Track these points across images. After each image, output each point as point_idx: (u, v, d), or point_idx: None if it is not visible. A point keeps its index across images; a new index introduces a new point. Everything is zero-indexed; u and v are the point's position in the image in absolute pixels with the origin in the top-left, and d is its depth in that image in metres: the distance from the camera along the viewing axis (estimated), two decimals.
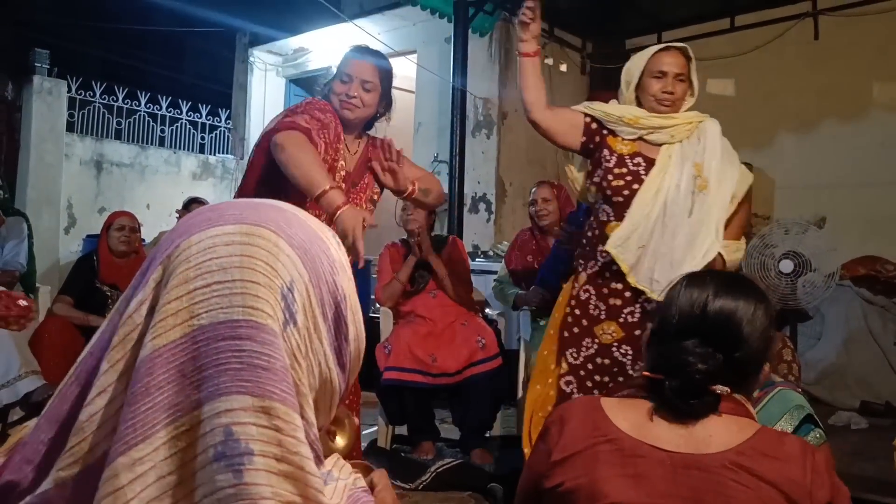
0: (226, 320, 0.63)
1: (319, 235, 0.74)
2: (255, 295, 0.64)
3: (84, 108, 7.39)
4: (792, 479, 1.07)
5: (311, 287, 0.69)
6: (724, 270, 2.27)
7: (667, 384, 1.12)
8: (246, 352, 0.62)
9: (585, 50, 6.71)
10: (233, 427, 0.60)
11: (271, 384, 0.62)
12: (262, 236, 0.68)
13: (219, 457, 0.60)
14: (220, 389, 0.61)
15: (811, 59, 5.58)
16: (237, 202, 0.74)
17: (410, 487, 3.08)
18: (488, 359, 3.48)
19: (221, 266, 0.65)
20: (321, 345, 0.70)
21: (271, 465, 0.61)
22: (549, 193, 3.78)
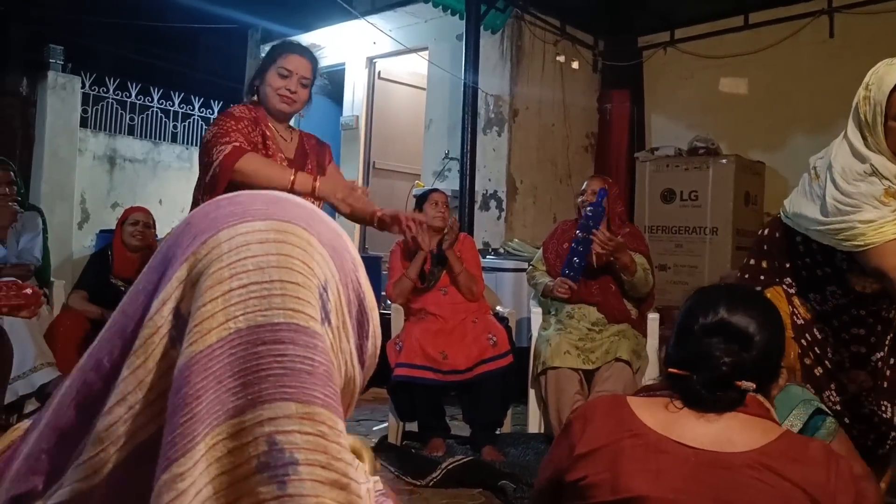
0: (265, 323, 0.60)
1: (339, 232, 0.72)
2: (296, 296, 0.61)
3: (97, 104, 7.43)
4: (816, 482, 1.08)
5: (340, 286, 0.67)
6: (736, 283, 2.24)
7: (695, 377, 1.15)
8: (288, 356, 0.59)
9: (598, 48, 6.69)
10: (276, 436, 0.58)
11: (315, 389, 0.59)
12: (296, 234, 0.65)
13: (262, 468, 0.57)
14: (262, 397, 0.59)
15: (826, 58, 5.54)
16: (256, 195, 0.70)
17: (421, 484, 3.09)
18: (499, 356, 3.48)
19: (258, 265, 0.62)
20: (348, 344, 0.68)
21: (317, 473, 0.58)
22: (600, 187, 3.73)
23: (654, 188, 5.68)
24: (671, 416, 1.16)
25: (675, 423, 1.15)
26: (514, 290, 4.90)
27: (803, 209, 2.16)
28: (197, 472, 0.58)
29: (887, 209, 1.98)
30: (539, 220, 6.11)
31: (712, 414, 1.15)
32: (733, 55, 5.92)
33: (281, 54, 2.50)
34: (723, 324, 1.19)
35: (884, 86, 2.03)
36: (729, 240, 5.32)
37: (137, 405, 0.61)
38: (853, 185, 2.02)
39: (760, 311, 1.23)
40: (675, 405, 1.18)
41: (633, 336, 3.60)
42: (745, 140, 5.81)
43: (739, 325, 1.19)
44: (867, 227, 1.96)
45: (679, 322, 1.27)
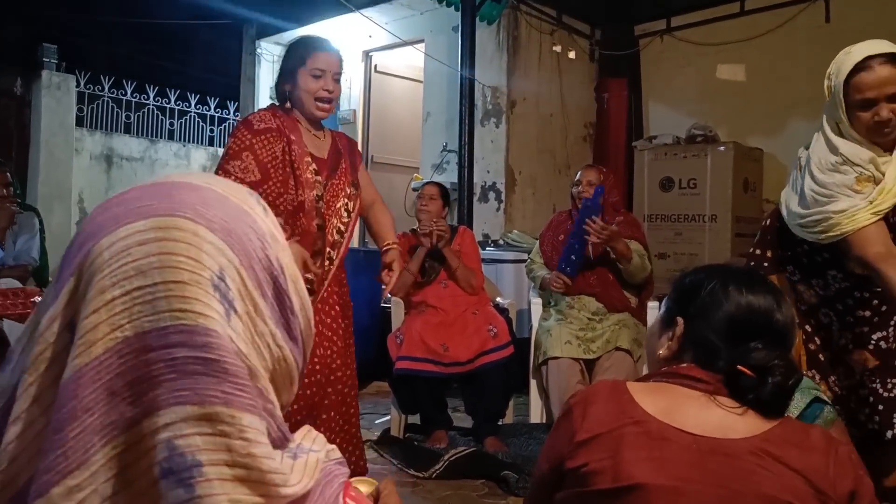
0: (151, 329, 0.58)
1: (243, 209, 0.68)
2: (182, 296, 0.59)
3: (93, 103, 7.42)
4: (816, 469, 1.07)
5: (243, 270, 0.65)
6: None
7: (770, 381, 1.14)
8: (179, 359, 0.58)
9: (594, 37, 6.67)
10: (175, 441, 0.57)
11: (211, 388, 0.58)
12: (179, 227, 0.62)
13: (166, 473, 0.57)
14: (156, 404, 0.57)
15: (823, 43, 5.51)
16: (145, 188, 0.67)
17: (424, 476, 3.09)
18: (500, 347, 3.48)
19: (139, 269, 0.59)
20: (266, 325, 0.66)
21: (223, 472, 0.57)
22: (595, 177, 3.72)
23: (653, 177, 5.67)
24: (672, 402, 1.15)
25: (677, 409, 1.14)
26: (514, 281, 4.90)
27: (790, 203, 2.17)
28: (99, 480, 0.57)
29: (860, 197, 1.98)
30: (538, 211, 6.10)
31: (712, 400, 1.15)
32: (730, 42, 5.89)
33: (309, 54, 2.38)
34: (777, 325, 1.20)
35: (840, 74, 2.05)
36: (728, 227, 5.31)
37: (34, 422, 0.60)
38: (828, 174, 2.03)
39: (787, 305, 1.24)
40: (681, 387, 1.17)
41: (634, 325, 3.59)
42: (744, 127, 5.80)
43: (786, 327, 1.21)
44: (840, 216, 1.97)
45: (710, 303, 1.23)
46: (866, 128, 1.99)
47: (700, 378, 1.17)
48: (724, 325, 1.20)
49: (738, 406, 1.14)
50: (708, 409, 1.14)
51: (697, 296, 1.25)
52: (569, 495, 1.16)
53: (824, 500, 1.06)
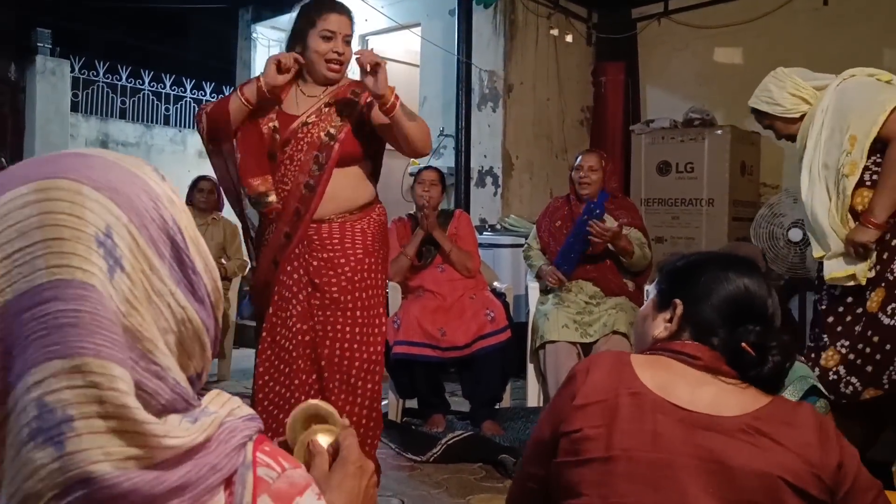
0: (28, 289, 0.57)
1: (134, 172, 0.67)
2: (60, 252, 0.58)
3: (88, 88, 7.38)
4: (807, 444, 1.10)
5: (133, 228, 0.63)
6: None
7: (770, 359, 1.18)
8: (51, 314, 0.56)
9: (591, 20, 6.63)
10: (45, 397, 0.54)
11: (80, 340, 0.56)
12: (60, 187, 0.61)
13: (34, 434, 0.54)
14: (27, 363, 0.55)
15: (821, 26, 5.50)
16: (33, 160, 0.67)
17: (421, 460, 3.10)
18: (497, 331, 3.49)
19: (20, 231, 0.59)
20: (164, 284, 0.65)
21: (96, 425, 0.55)
22: (596, 162, 3.70)
23: (650, 161, 5.66)
24: (669, 377, 1.18)
25: (672, 384, 1.17)
26: (511, 265, 4.90)
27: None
28: None
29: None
30: (535, 195, 6.09)
31: (708, 377, 1.18)
32: (728, 25, 5.87)
33: (319, 15, 2.35)
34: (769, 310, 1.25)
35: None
36: (725, 210, 5.31)
37: None
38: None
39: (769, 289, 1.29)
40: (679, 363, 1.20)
41: (631, 309, 3.60)
42: (741, 110, 5.74)
43: (776, 312, 1.26)
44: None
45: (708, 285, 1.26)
46: None
47: (698, 355, 1.20)
48: (725, 304, 1.23)
49: (740, 382, 1.18)
50: (702, 386, 1.17)
51: (696, 278, 1.28)
52: (562, 464, 1.18)
53: (815, 474, 1.09)
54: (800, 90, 2.67)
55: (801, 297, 4.51)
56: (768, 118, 2.75)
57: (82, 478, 0.54)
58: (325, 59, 2.35)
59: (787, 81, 2.71)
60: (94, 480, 0.54)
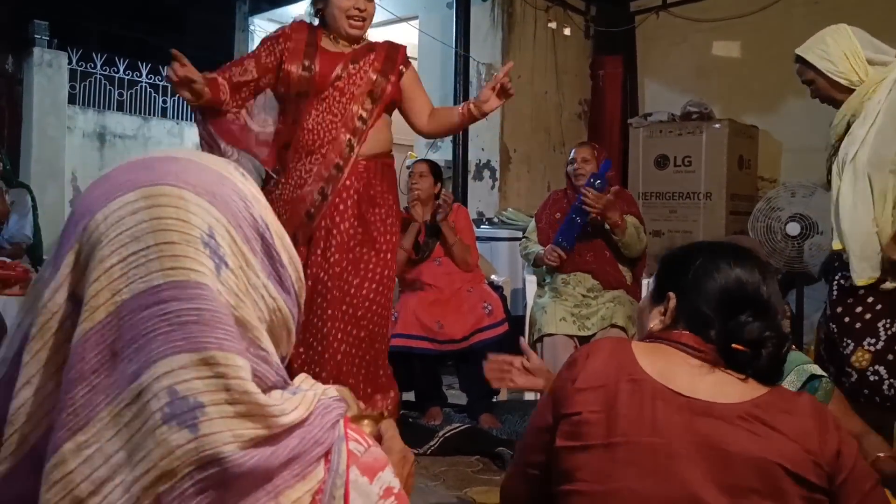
0: (146, 289, 0.63)
1: (223, 174, 0.73)
2: (173, 255, 0.64)
3: (85, 80, 7.35)
4: (806, 431, 1.12)
5: (231, 228, 0.69)
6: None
7: (764, 353, 1.19)
8: (172, 312, 0.62)
9: (589, 13, 6.62)
10: (176, 386, 0.61)
11: (204, 335, 0.62)
12: (165, 193, 0.67)
13: (168, 418, 0.60)
14: (153, 356, 0.61)
15: (818, 19, 5.46)
16: (128, 166, 0.73)
17: (419, 452, 3.11)
18: (495, 325, 3.49)
19: (133, 236, 0.65)
20: (258, 278, 0.71)
21: (225, 410, 0.61)
22: (588, 154, 3.72)
23: (648, 154, 5.66)
24: (669, 365, 1.19)
25: (672, 372, 1.18)
26: (508, 259, 4.91)
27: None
28: (104, 437, 0.61)
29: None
30: (533, 188, 6.09)
31: (707, 367, 1.19)
32: (725, 19, 5.87)
33: None
34: (763, 297, 1.24)
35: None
36: (723, 204, 5.31)
37: (43, 387, 0.65)
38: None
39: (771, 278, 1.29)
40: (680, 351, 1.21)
41: (628, 302, 3.61)
42: (739, 104, 5.78)
43: (772, 298, 1.25)
44: None
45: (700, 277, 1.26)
46: None
47: (695, 346, 1.21)
48: (716, 296, 1.24)
49: (738, 375, 1.19)
50: (701, 374, 1.18)
51: (687, 270, 1.28)
52: (562, 449, 1.18)
53: (814, 461, 1.10)
54: (856, 57, 2.42)
55: (798, 292, 4.53)
56: (814, 72, 2.50)
57: (215, 457, 0.60)
58: (347, 15, 2.40)
59: (845, 41, 2.46)
60: (225, 459, 0.61)
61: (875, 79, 2.41)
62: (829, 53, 2.45)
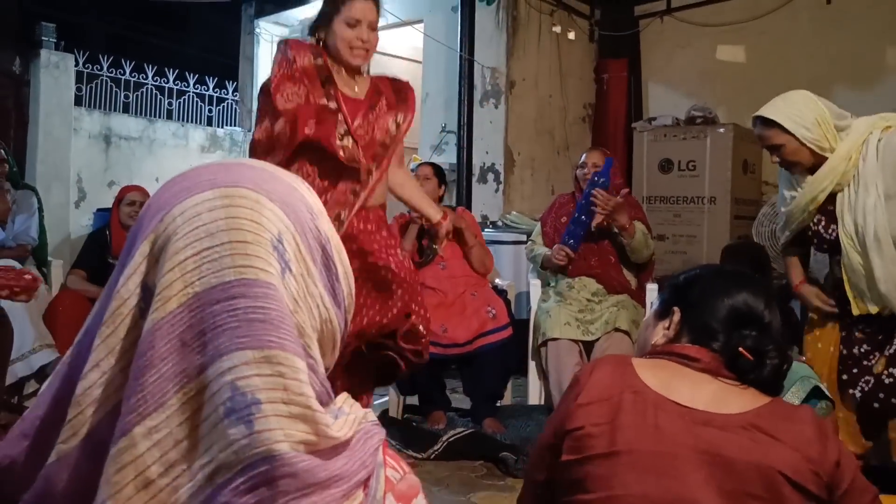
0: (217, 284, 0.65)
1: (293, 186, 0.76)
2: (245, 253, 0.66)
3: (91, 82, 7.36)
4: (807, 440, 1.13)
5: (297, 235, 0.72)
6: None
7: (768, 363, 1.21)
8: (241, 309, 0.64)
9: (594, 17, 6.63)
10: (237, 382, 0.63)
11: (268, 334, 0.64)
12: (242, 195, 0.70)
13: (229, 412, 0.62)
14: (220, 350, 0.64)
15: (824, 25, 5.49)
16: (208, 167, 0.75)
17: (422, 457, 3.11)
18: (499, 328, 3.49)
19: (209, 232, 0.67)
20: (316, 287, 0.73)
21: (280, 409, 0.63)
22: (599, 159, 3.72)
23: (652, 158, 5.66)
24: (669, 377, 1.21)
25: (673, 384, 1.20)
26: (513, 262, 4.91)
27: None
28: (173, 423, 0.64)
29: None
30: (537, 192, 6.10)
31: (707, 377, 1.21)
32: (730, 23, 5.87)
33: (345, 1, 2.36)
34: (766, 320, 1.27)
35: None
36: (728, 209, 5.31)
37: (109, 370, 0.67)
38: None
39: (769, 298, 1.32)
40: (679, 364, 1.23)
41: (633, 306, 3.61)
42: (743, 108, 5.75)
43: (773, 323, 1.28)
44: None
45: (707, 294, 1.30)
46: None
47: (698, 357, 1.22)
48: (722, 311, 1.27)
49: (740, 383, 1.21)
50: (702, 385, 1.20)
51: (694, 288, 1.33)
52: (567, 462, 1.20)
53: (813, 470, 1.11)
54: (827, 124, 2.42)
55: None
56: (782, 137, 2.45)
57: (266, 455, 0.62)
58: (350, 45, 2.36)
59: (816, 108, 2.45)
60: (275, 458, 0.62)
61: (850, 144, 2.41)
62: (804, 119, 2.42)
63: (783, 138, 2.44)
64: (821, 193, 2.47)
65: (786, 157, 2.48)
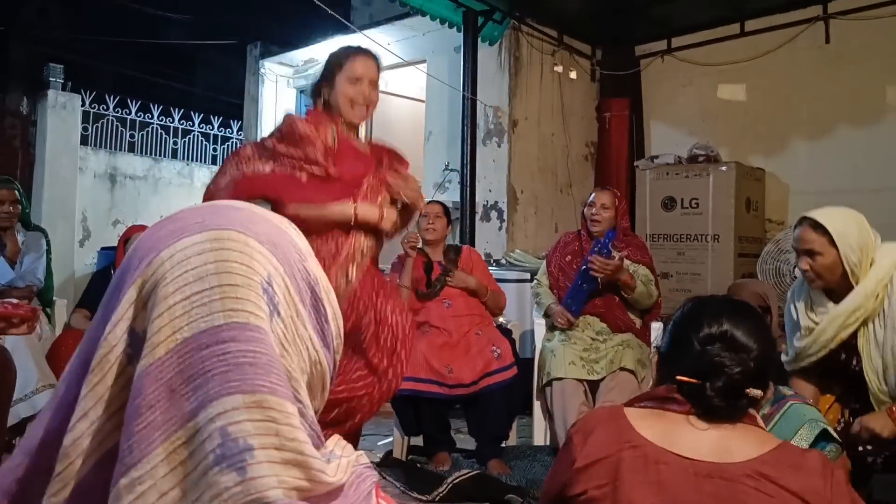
0: (207, 328, 0.64)
1: (281, 227, 0.76)
2: (235, 297, 0.65)
3: (98, 122, 7.45)
4: (815, 490, 1.09)
5: (286, 278, 0.71)
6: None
7: (708, 385, 1.16)
8: (231, 353, 0.63)
9: (595, 57, 6.71)
10: (228, 428, 0.61)
11: (259, 378, 0.63)
12: (232, 238, 0.69)
13: (219, 460, 0.61)
14: (209, 396, 0.62)
15: (823, 64, 5.56)
16: (196, 209, 0.74)
17: (427, 499, 3.07)
18: (503, 368, 3.47)
19: (198, 276, 0.66)
20: (305, 330, 0.72)
21: (272, 455, 0.62)
22: (609, 200, 3.72)
23: (655, 196, 5.69)
24: (668, 426, 1.18)
25: (673, 433, 1.17)
26: (517, 300, 4.89)
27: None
28: (158, 475, 0.62)
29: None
30: (541, 229, 6.12)
31: (711, 424, 1.17)
32: (731, 63, 5.93)
33: (346, 59, 2.40)
34: (727, 335, 1.21)
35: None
36: (731, 246, 5.31)
37: (98, 420, 0.66)
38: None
39: (758, 323, 1.26)
40: (674, 412, 1.20)
41: (638, 346, 3.59)
42: (745, 146, 5.82)
43: (742, 336, 1.22)
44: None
45: (677, 329, 1.28)
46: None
47: (670, 396, 1.20)
48: (676, 335, 1.26)
49: (706, 425, 1.16)
50: (703, 432, 1.17)
51: (669, 327, 1.31)
52: None
53: None
54: (868, 255, 2.35)
55: None
56: (825, 246, 2.35)
57: (261, 501, 0.61)
58: (352, 101, 2.39)
59: (867, 236, 2.36)
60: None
61: (876, 283, 2.35)
62: (853, 239, 2.34)
63: (826, 249, 2.35)
64: (844, 331, 2.38)
65: (817, 267, 2.38)
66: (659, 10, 5.96)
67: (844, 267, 2.32)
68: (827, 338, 2.39)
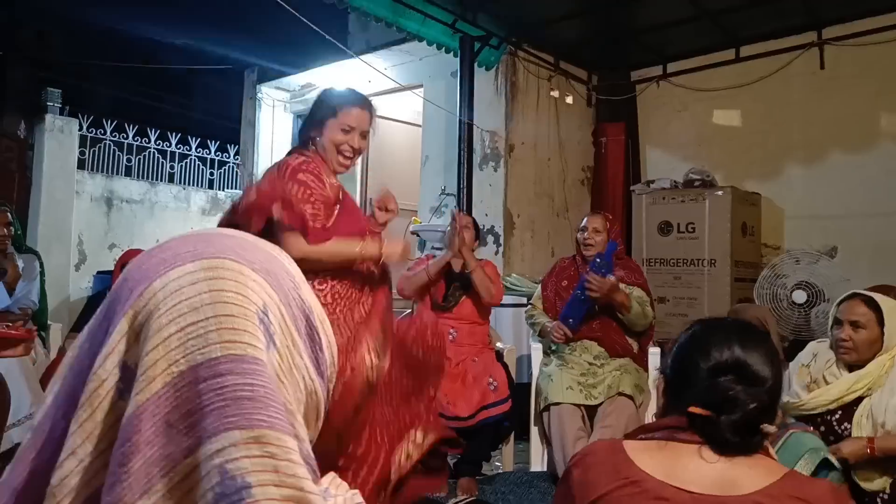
0: (203, 361, 0.62)
1: (274, 255, 0.74)
2: (232, 328, 0.64)
3: (95, 146, 7.46)
4: None
5: (282, 307, 0.69)
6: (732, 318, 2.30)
7: (723, 420, 1.12)
8: (228, 387, 0.61)
9: (591, 82, 6.76)
10: (227, 465, 0.60)
11: (257, 412, 0.61)
12: (226, 267, 0.67)
13: (218, 498, 0.59)
14: (207, 431, 0.61)
15: (817, 89, 5.60)
16: (186, 237, 0.72)
17: None
18: (499, 402, 3.45)
19: (193, 306, 0.64)
20: (301, 359, 0.71)
21: (270, 492, 0.60)
22: (600, 224, 3.73)
23: (651, 221, 5.69)
24: (671, 458, 1.14)
25: (676, 465, 1.13)
26: (513, 325, 4.88)
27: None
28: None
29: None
30: (537, 254, 6.11)
31: (722, 456, 1.13)
32: (726, 88, 5.98)
33: (341, 108, 2.37)
34: (741, 364, 1.17)
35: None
36: (727, 271, 5.31)
37: (87, 457, 0.64)
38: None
39: (769, 348, 1.21)
40: (685, 443, 1.16)
41: (635, 370, 3.57)
42: (740, 171, 5.85)
43: (756, 366, 1.17)
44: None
45: (684, 354, 1.23)
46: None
47: (679, 426, 1.17)
48: (682, 360, 1.22)
49: (717, 457, 1.12)
50: (707, 464, 1.13)
51: (673, 352, 1.27)
52: None
53: None
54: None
55: None
56: (872, 323, 2.45)
57: None
58: (339, 150, 2.37)
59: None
60: None
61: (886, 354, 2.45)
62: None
63: (871, 325, 2.43)
64: (849, 395, 2.45)
65: (857, 339, 2.45)
66: (654, 36, 6.02)
67: (880, 343, 2.41)
68: (831, 399, 2.45)
